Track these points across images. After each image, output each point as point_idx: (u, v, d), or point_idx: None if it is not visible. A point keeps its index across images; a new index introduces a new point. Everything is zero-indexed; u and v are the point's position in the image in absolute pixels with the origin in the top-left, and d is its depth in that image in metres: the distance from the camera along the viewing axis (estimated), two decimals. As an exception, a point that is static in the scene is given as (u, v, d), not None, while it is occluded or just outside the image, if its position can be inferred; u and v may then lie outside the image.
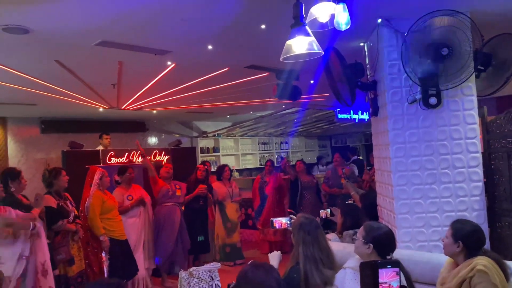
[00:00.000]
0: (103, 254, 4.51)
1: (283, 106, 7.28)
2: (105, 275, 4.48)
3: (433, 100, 3.01)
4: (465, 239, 2.25)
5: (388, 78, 3.19)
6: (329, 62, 3.41)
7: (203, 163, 6.87)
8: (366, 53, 3.73)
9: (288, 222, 3.18)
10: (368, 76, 3.64)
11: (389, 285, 1.34)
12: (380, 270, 1.33)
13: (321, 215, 3.97)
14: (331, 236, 3.64)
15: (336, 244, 3.10)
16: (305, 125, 10.24)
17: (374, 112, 3.51)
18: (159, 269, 5.47)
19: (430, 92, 3.01)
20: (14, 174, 3.87)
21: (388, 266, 1.35)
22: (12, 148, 6.93)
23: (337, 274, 2.50)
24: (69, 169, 5.91)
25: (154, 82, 4.75)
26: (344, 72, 3.32)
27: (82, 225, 4.38)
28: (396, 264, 1.34)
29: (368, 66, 3.69)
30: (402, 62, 2.97)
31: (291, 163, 10.27)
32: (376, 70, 3.41)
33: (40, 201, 3.90)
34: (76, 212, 4.41)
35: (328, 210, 4.03)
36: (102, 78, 4.47)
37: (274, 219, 3.28)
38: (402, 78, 3.15)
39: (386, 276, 1.34)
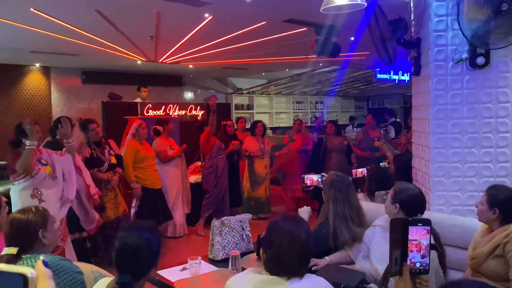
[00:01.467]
0: (134, 201, 4.75)
1: (321, 64, 7.11)
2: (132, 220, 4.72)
3: (480, 60, 2.85)
4: (501, 206, 2.19)
5: (433, 35, 3.03)
6: (371, 17, 3.26)
7: (238, 119, 6.94)
8: (412, 8, 3.53)
9: (320, 179, 3.20)
10: (412, 33, 3.47)
11: (419, 242, 1.33)
12: (410, 228, 1.33)
13: (353, 175, 3.95)
14: (361, 196, 3.65)
15: (367, 204, 3.10)
16: (341, 85, 10.00)
17: (416, 72, 3.37)
18: (197, 217, 5.70)
19: (479, 51, 2.85)
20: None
21: (419, 224, 1.34)
22: (56, 97, 7.20)
23: (366, 231, 2.52)
24: (109, 119, 6.12)
25: (191, 35, 4.73)
26: (386, 28, 3.18)
27: (120, 173, 4.56)
28: (427, 222, 1.33)
29: (412, 22, 3.50)
30: (458, 18, 2.79)
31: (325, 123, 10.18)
32: (421, 27, 3.24)
33: (83, 149, 4.11)
34: (114, 161, 4.56)
35: (360, 169, 4.00)
36: (140, 30, 4.49)
37: (306, 176, 3.31)
38: (449, 36, 2.98)
39: (417, 233, 1.33)
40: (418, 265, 1.33)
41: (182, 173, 5.52)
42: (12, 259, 1.88)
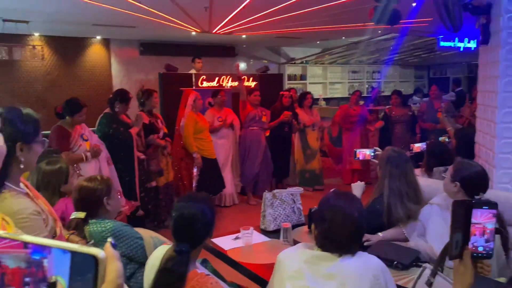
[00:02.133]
0: (195, 170, 4.92)
1: (379, 31, 6.78)
2: (193, 189, 4.92)
3: (561, 27, 2.58)
4: None
5: (505, 0, 2.78)
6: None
7: (288, 90, 6.87)
8: (483, -30, 3.24)
9: (372, 154, 3.10)
10: (482, -2, 3.20)
11: (484, 226, 1.24)
12: (474, 210, 1.24)
13: (411, 148, 3.80)
14: (419, 172, 3.52)
15: (424, 180, 2.99)
16: (401, 54, 9.49)
17: (484, 40, 3.12)
18: (244, 187, 5.84)
19: (559, 17, 2.58)
20: (123, 98, 4.21)
21: (484, 207, 1.25)
22: (115, 68, 7.49)
23: (423, 209, 2.45)
24: (165, 90, 6.30)
25: (245, 5, 4.67)
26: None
27: (170, 142, 4.77)
28: (494, 205, 1.24)
29: (483, -14, 3.22)
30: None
31: (383, 94, 9.80)
32: (493, -9, 2.98)
33: (140, 121, 4.28)
34: (166, 131, 4.77)
35: (418, 144, 3.83)
36: (195, 1, 4.50)
37: (358, 150, 3.23)
38: (525, 0, 2.72)
39: (481, 217, 1.24)
40: (481, 249, 1.26)
41: (232, 144, 5.60)
42: (80, 223, 2.03)
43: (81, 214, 2.05)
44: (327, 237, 1.53)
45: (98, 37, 7.22)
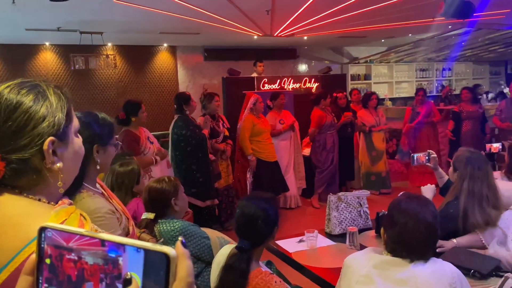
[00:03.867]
0: (248, 173, 4.97)
1: (449, 26, 6.41)
2: (248, 191, 4.96)
3: None
4: None
5: None
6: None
7: (352, 90, 6.71)
8: None
9: (427, 157, 2.89)
10: None
11: None
12: None
13: (486, 149, 3.53)
14: (498, 175, 3.26)
15: (503, 183, 2.77)
16: (474, 49, 8.92)
17: None
18: (310, 191, 5.76)
19: None
20: (185, 98, 4.37)
21: None
22: (181, 74, 7.79)
23: (504, 214, 2.26)
24: (228, 93, 6.43)
25: (307, 6, 4.64)
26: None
27: (231, 145, 4.84)
28: None
29: None
30: None
31: (455, 92, 9.25)
32: None
33: (208, 124, 4.42)
34: (227, 133, 4.85)
35: (496, 144, 3.55)
36: (257, 5, 4.55)
37: (416, 155, 3.03)
38: None
39: None
40: None
41: (294, 146, 5.56)
42: (150, 223, 2.12)
43: (151, 215, 2.15)
44: (398, 242, 1.45)
45: (165, 45, 7.55)
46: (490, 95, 9.17)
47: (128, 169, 2.74)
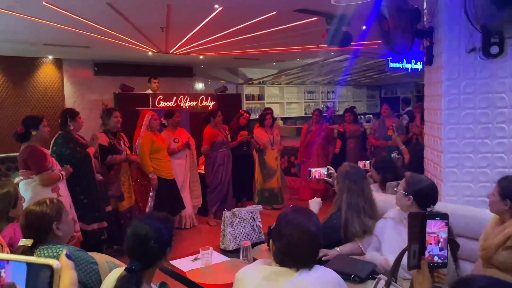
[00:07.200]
0: (151, 192, 4.80)
1: (332, 53, 7.05)
2: (148, 210, 4.80)
3: (494, 49, 2.80)
4: (513, 197, 2.16)
5: (446, 25, 2.99)
6: (382, 7, 3.22)
7: (246, 111, 6.95)
8: (425, -3, 3.48)
9: (326, 172, 3.17)
10: (425, 22, 3.42)
11: (438, 235, 1.33)
12: (428, 221, 1.33)
13: (361, 166, 3.93)
14: (374, 187, 3.64)
15: (378, 195, 3.10)
16: (353, 74, 9.91)
17: (428, 61, 3.33)
18: (205, 209, 5.76)
19: (493, 41, 2.80)
20: (73, 114, 4.10)
21: (436, 218, 1.34)
22: (68, 89, 7.27)
23: (378, 223, 2.53)
24: (120, 110, 6.17)
25: (202, 26, 4.73)
26: (400, 17, 3.14)
27: (136, 161, 4.67)
28: (445, 216, 1.33)
29: (425, 11, 3.45)
30: (464, 6, 2.75)
31: (338, 113, 10.12)
32: (434, 16, 3.19)
33: (96, 141, 4.16)
34: (129, 152, 4.65)
35: (368, 162, 3.99)
36: (151, 21, 4.50)
37: (313, 169, 3.29)
38: (462, 25, 2.93)
39: (435, 227, 1.33)
40: (436, 258, 1.33)
41: (190, 165, 5.53)
42: (27, 250, 1.93)
43: (28, 242, 1.94)
44: (285, 253, 1.54)
45: (50, 57, 7.01)
46: (368, 117, 10.22)
47: (2, 192, 2.47)
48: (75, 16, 4.13)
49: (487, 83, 2.93)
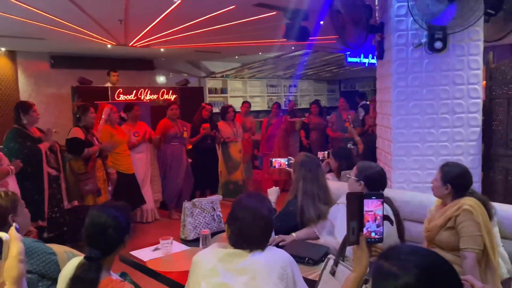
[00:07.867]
0: (109, 187, 4.76)
1: (292, 47, 7.18)
2: None
3: (438, 44, 2.99)
4: (453, 182, 2.31)
5: (394, 21, 3.16)
6: (335, 2, 3.35)
7: (208, 104, 6.98)
8: (376, -6, 3.64)
9: (287, 162, 3.29)
10: (377, 18, 3.58)
11: (374, 213, 1.44)
12: (365, 201, 1.43)
13: (318, 156, 4.09)
14: (330, 176, 3.80)
15: (333, 183, 3.24)
16: (314, 69, 10.11)
17: (380, 55, 3.50)
18: (166, 203, 5.76)
19: (436, 36, 2.98)
20: (26, 107, 3.99)
21: (372, 198, 1.45)
22: (23, 82, 7.02)
23: (331, 209, 2.65)
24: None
25: (161, 18, 4.71)
26: (354, 13, 3.27)
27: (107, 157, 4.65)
28: (381, 196, 1.44)
29: (377, 7, 3.61)
30: (408, 4, 2.91)
31: (299, 107, 10.31)
32: (384, 12, 3.36)
33: (50, 136, 4.07)
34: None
35: (326, 152, 4.17)
36: (109, 13, 4.44)
37: (274, 159, 3.40)
38: (409, 21, 3.11)
39: (372, 205, 1.44)
40: (373, 234, 1.44)
41: (150, 159, 5.50)
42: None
43: (-16, 234, 1.93)
44: (239, 235, 1.62)
45: (2, 49, 6.73)
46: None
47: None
48: (28, 7, 4.02)
49: (432, 76, 3.13)
